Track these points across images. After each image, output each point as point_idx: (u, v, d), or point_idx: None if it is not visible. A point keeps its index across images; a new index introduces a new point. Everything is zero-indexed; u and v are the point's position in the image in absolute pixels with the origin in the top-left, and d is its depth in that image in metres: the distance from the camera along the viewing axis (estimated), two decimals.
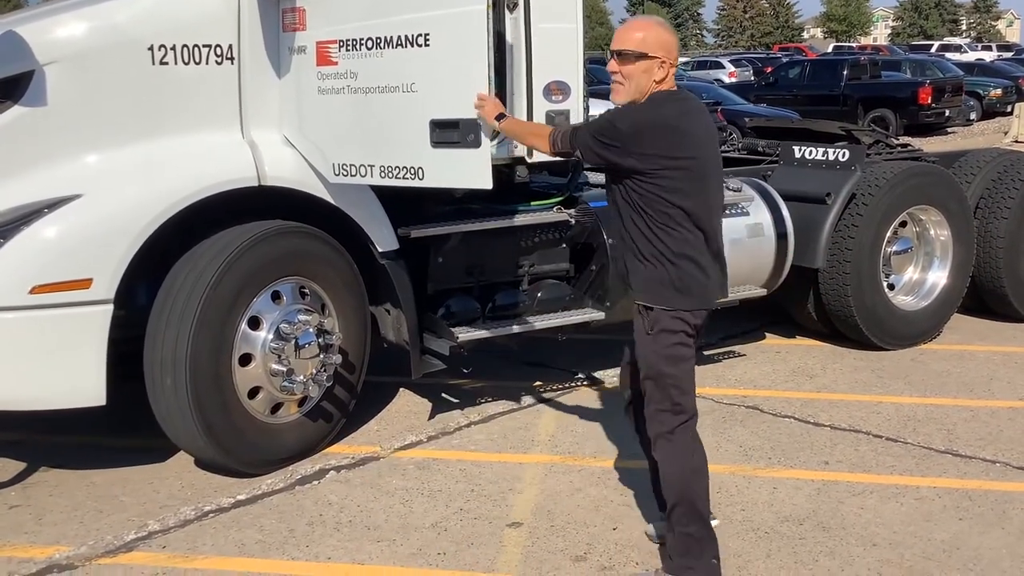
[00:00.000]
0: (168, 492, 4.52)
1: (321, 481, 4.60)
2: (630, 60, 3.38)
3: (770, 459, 4.76)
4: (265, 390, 4.59)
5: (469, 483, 4.55)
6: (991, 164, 7.15)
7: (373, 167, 4.46)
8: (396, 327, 5.12)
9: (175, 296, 4.37)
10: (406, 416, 5.45)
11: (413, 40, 4.16)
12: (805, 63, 27.34)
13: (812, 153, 6.61)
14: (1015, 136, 20.41)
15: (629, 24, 3.58)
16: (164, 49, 4.46)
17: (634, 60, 3.37)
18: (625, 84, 3.40)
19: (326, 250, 4.75)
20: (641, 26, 3.50)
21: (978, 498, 4.31)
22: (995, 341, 6.74)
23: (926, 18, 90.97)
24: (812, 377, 6.04)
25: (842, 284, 6.23)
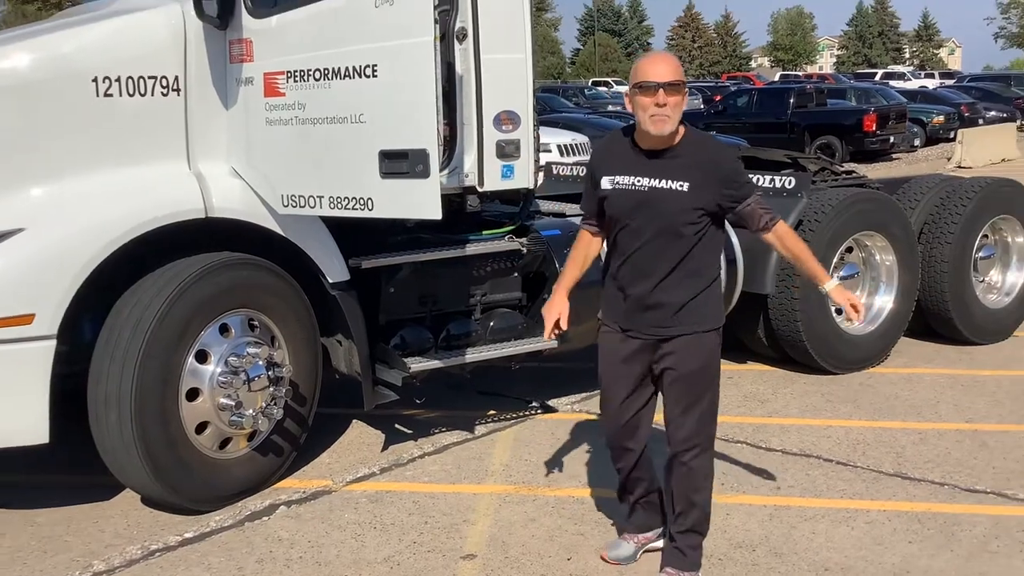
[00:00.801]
0: (114, 531, 4.42)
1: (271, 517, 4.53)
2: (678, 91, 3.43)
3: (723, 485, 4.77)
4: (213, 425, 4.52)
5: (422, 515, 4.51)
6: (934, 190, 7.29)
7: (322, 198, 4.44)
8: (348, 358, 5.08)
9: (120, 330, 4.30)
10: (358, 448, 5.39)
11: (361, 71, 4.17)
12: (753, 92, 27.76)
13: (759, 181, 6.69)
14: (958, 162, 20.90)
15: (657, 56, 3.60)
16: (109, 81, 4.41)
17: (681, 90, 3.44)
18: (672, 115, 3.42)
19: (276, 282, 4.71)
20: (670, 57, 3.60)
21: (927, 520, 4.36)
22: (941, 364, 6.85)
23: (870, 47, 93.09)
24: (763, 402, 6.09)
25: (791, 309, 6.30)
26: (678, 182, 3.46)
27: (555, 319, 3.77)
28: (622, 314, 3.65)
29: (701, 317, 3.59)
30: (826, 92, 26.77)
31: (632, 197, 3.53)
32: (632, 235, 3.55)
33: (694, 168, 3.48)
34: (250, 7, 4.56)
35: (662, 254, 3.52)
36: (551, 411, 5.95)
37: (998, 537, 4.18)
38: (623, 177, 3.56)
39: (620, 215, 3.58)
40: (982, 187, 7.24)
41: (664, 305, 3.55)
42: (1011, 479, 4.79)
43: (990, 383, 6.36)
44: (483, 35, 4.86)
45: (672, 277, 3.52)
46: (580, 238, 3.88)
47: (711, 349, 3.64)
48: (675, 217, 3.47)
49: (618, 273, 3.63)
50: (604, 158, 3.71)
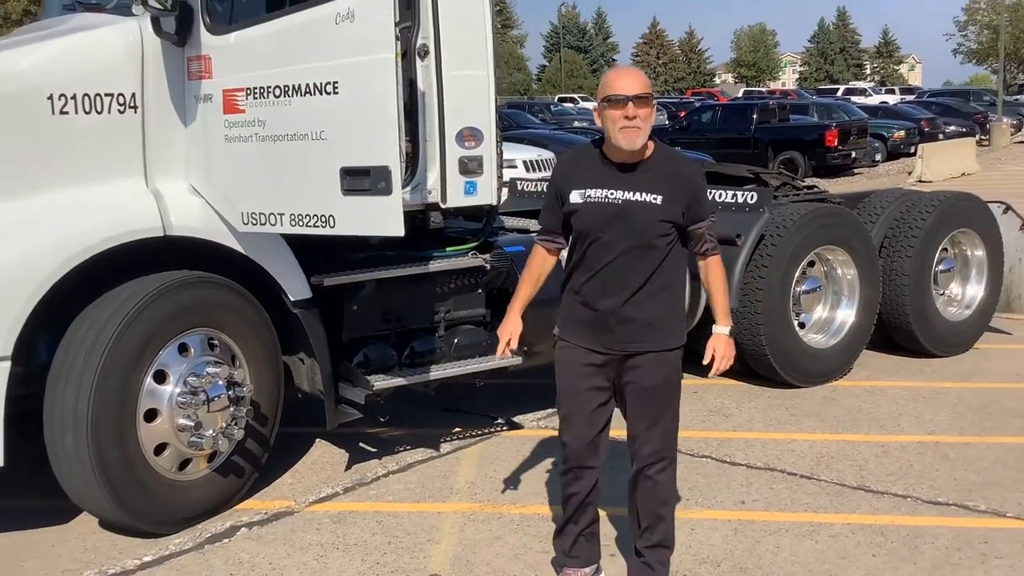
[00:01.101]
0: (71, 555, 4.33)
1: (232, 539, 4.46)
2: (647, 103, 3.46)
3: (688, 500, 4.77)
4: (172, 446, 4.45)
5: (386, 535, 4.46)
6: (894, 204, 7.37)
7: (283, 215, 4.40)
8: (310, 377, 5.03)
9: (76, 350, 4.23)
10: (321, 468, 5.34)
11: (322, 88, 4.14)
12: (717, 107, 28.02)
13: (722, 196, 6.73)
14: (919, 176, 21.21)
15: (624, 70, 3.62)
16: (65, 98, 4.35)
17: (650, 102, 3.47)
18: (643, 127, 3.44)
19: (236, 300, 4.66)
20: (638, 71, 3.66)
21: (890, 533, 4.38)
22: (903, 376, 6.91)
23: (832, 63, 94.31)
24: (728, 416, 6.10)
25: (754, 323, 6.33)
26: (652, 195, 3.47)
27: (507, 339, 3.74)
28: (587, 330, 3.61)
29: (668, 334, 3.59)
30: (789, 108, 27.12)
31: (605, 210, 3.50)
32: (603, 249, 3.52)
33: (666, 181, 3.49)
34: (209, 24, 4.53)
35: (634, 268, 3.50)
36: (516, 428, 5.93)
37: (960, 549, 4.21)
38: (595, 190, 3.52)
39: (592, 228, 3.54)
40: (941, 201, 7.33)
41: (634, 321, 3.53)
42: (972, 491, 4.83)
43: (951, 395, 6.42)
44: (445, 52, 4.87)
45: (643, 292, 3.52)
46: (535, 255, 3.80)
47: (675, 365, 3.65)
48: (648, 230, 3.47)
49: (583, 288, 3.59)
50: (571, 171, 3.66)
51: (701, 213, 3.58)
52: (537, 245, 3.80)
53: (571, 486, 3.80)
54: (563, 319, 3.72)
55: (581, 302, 3.61)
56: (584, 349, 3.63)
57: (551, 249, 3.77)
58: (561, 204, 3.62)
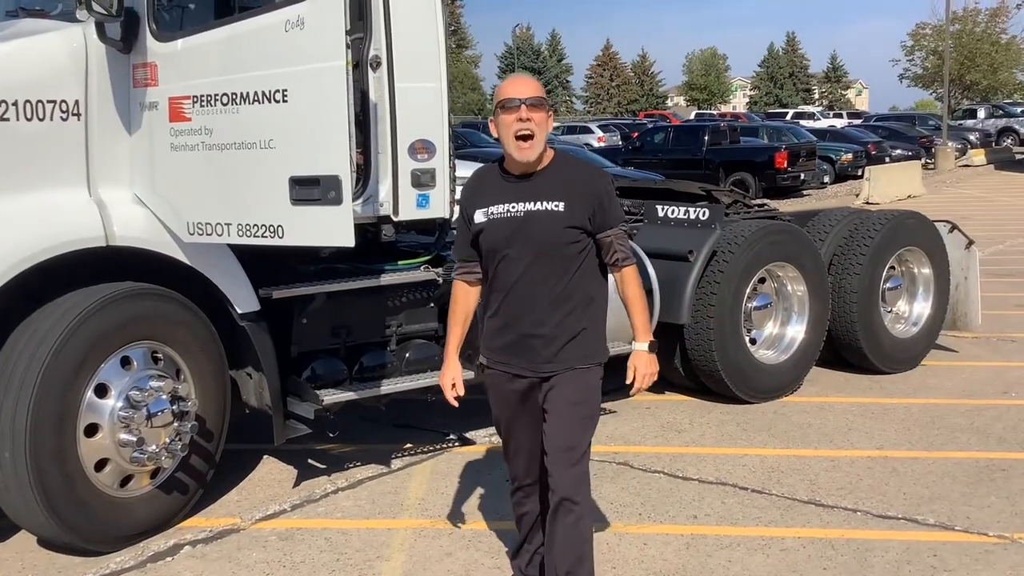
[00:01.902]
0: (6, 575, 4.19)
1: (175, 557, 4.35)
2: (541, 107, 3.34)
3: (640, 515, 4.75)
4: (113, 462, 4.34)
5: (334, 552, 4.38)
6: (843, 222, 7.45)
7: (230, 225, 4.32)
8: (258, 391, 4.93)
9: (14, 363, 4.11)
10: (269, 484, 5.23)
11: (271, 96, 4.08)
12: (669, 129, 28.28)
13: (674, 212, 6.76)
14: (866, 198, 21.55)
15: (518, 77, 3.49)
16: (5, 104, 4.25)
17: (544, 108, 3.35)
18: (538, 133, 3.32)
19: (181, 312, 4.56)
20: (531, 79, 3.52)
21: (841, 547, 4.38)
22: (852, 392, 6.96)
23: (781, 87, 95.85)
24: (680, 432, 6.10)
25: (706, 339, 6.35)
26: (553, 202, 3.34)
27: (451, 385, 3.58)
28: (510, 353, 3.46)
29: (586, 351, 3.44)
30: (739, 130, 27.45)
31: (508, 225, 3.37)
32: (511, 264, 3.38)
33: (567, 187, 3.37)
34: (155, 30, 4.45)
35: (544, 281, 3.37)
36: (468, 443, 5.87)
37: (910, 562, 4.22)
38: (496, 206, 3.39)
39: (497, 245, 3.40)
40: (888, 220, 7.43)
41: (549, 338, 3.39)
42: (921, 505, 4.86)
43: (900, 411, 6.48)
44: (397, 63, 4.82)
45: (559, 307, 3.38)
46: (456, 292, 3.61)
47: (594, 385, 3.49)
48: (554, 237, 3.34)
49: (500, 310, 3.45)
50: (475, 193, 3.52)
51: (608, 220, 3.42)
52: (456, 281, 3.61)
53: (522, 506, 3.71)
54: (486, 346, 3.56)
55: (500, 325, 3.47)
56: (509, 374, 3.50)
57: (471, 281, 3.58)
58: (469, 227, 3.49)
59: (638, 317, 3.49)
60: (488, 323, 3.53)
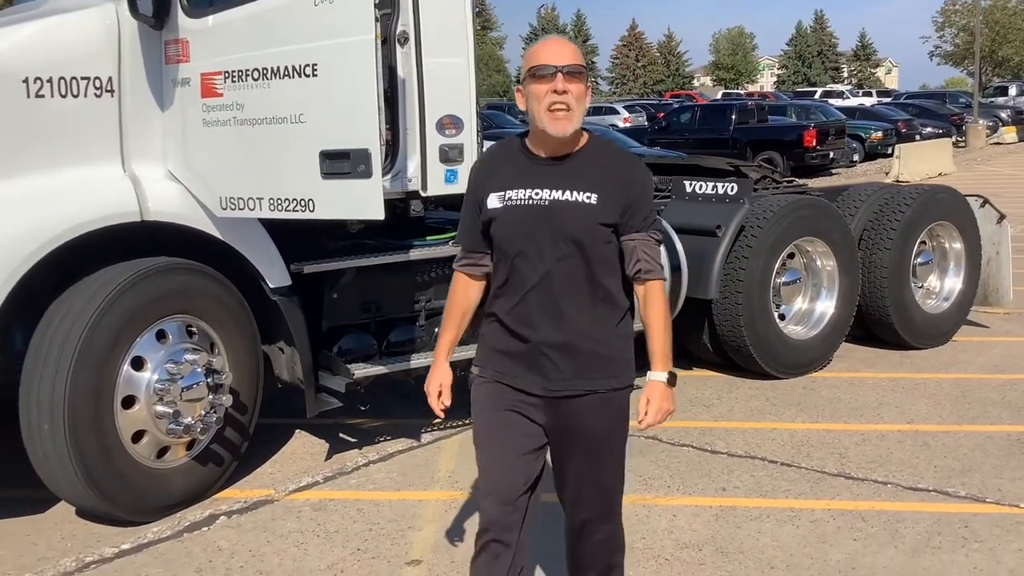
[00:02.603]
0: (47, 544, 4.28)
1: (211, 527, 4.42)
2: (580, 78, 2.80)
3: (669, 487, 4.77)
4: (150, 433, 4.41)
5: (367, 523, 4.43)
6: (873, 197, 7.40)
7: (262, 200, 4.36)
8: (290, 365, 4.99)
9: (52, 337, 4.18)
10: (301, 457, 5.30)
11: (301, 70, 4.11)
12: (696, 108, 28.08)
13: (702, 188, 6.74)
14: (896, 176, 21.33)
15: (553, 39, 2.89)
16: (40, 82, 4.30)
17: (583, 78, 2.81)
18: (575, 107, 2.78)
19: (214, 287, 4.62)
20: (568, 41, 2.92)
21: (871, 518, 4.39)
22: (882, 368, 6.94)
23: (809, 66, 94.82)
24: (708, 407, 6.11)
25: (735, 315, 6.34)
26: (585, 193, 2.79)
27: (436, 393, 3.01)
28: (517, 365, 2.87)
29: (618, 369, 2.90)
30: (767, 108, 27.21)
31: (529, 213, 2.80)
32: (530, 263, 2.81)
33: (603, 177, 2.83)
34: (186, 7, 4.49)
35: (569, 285, 2.81)
36: None
37: (940, 533, 4.22)
38: (516, 191, 2.83)
39: (515, 238, 2.83)
40: (920, 194, 7.37)
41: (577, 353, 2.83)
42: (952, 477, 4.85)
43: (930, 385, 6.45)
44: (425, 39, 4.83)
45: (587, 315, 2.83)
46: (456, 285, 3.04)
47: (624, 409, 2.95)
48: (585, 235, 2.79)
49: (511, 315, 2.86)
50: (490, 172, 2.94)
51: (637, 222, 2.84)
52: (457, 273, 3.04)
53: (487, 569, 2.93)
54: (485, 352, 2.97)
55: (509, 331, 2.88)
56: (511, 388, 2.89)
57: (475, 275, 3.00)
58: (479, 212, 2.92)
59: (658, 341, 2.89)
60: (490, 326, 2.95)
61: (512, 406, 2.89)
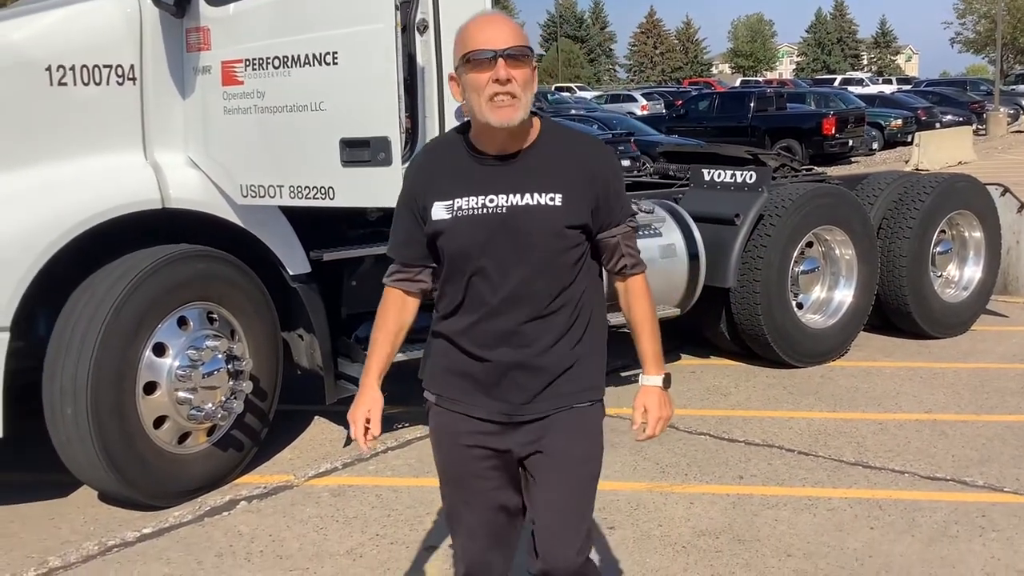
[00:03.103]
0: (70, 527, 4.33)
1: (231, 512, 4.46)
2: (525, 62, 2.35)
3: (686, 475, 4.79)
4: (172, 419, 4.45)
5: (385, 508, 4.47)
6: (892, 186, 7.37)
7: (282, 187, 4.39)
8: (309, 352, 5.03)
9: (75, 323, 4.22)
10: (320, 444, 5.34)
11: (321, 58, 4.13)
12: (714, 96, 27.99)
13: (721, 176, 6.73)
14: (916, 164, 21.20)
15: (488, 17, 2.41)
16: (63, 70, 4.34)
17: (529, 61, 2.37)
18: (521, 95, 2.33)
19: (235, 274, 4.65)
20: (505, 17, 2.46)
21: (888, 507, 4.39)
22: (900, 357, 6.92)
23: (829, 53, 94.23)
24: (726, 395, 6.11)
25: (753, 303, 6.33)
26: (547, 193, 2.39)
27: (363, 423, 2.60)
28: (475, 389, 2.51)
29: (584, 384, 2.53)
30: (786, 96, 27.08)
31: (484, 224, 2.39)
32: (490, 283, 2.42)
33: (565, 172, 2.42)
34: None
35: (534, 301, 2.43)
36: None
37: (958, 522, 4.22)
38: (466, 198, 2.40)
39: (470, 253, 2.41)
40: (939, 183, 7.33)
41: (543, 370, 2.48)
42: (970, 467, 4.84)
43: (949, 375, 6.43)
44: (444, 27, 4.83)
45: (548, 328, 2.46)
46: (388, 302, 2.62)
47: (598, 430, 2.58)
48: (551, 243, 2.41)
49: (466, 336, 2.49)
50: (430, 176, 2.49)
51: (615, 215, 2.50)
52: (390, 288, 2.61)
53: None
54: (436, 375, 2.61)
55: (464, 352, 2.51)
56: (471, 418, 2.53)
57: (411, 291, 2.60)
58: (420, 223, 2.49)
59: (648, 342, 2.58)
60: (440, 345, 2.57)
61: (473, 443, 2.52)
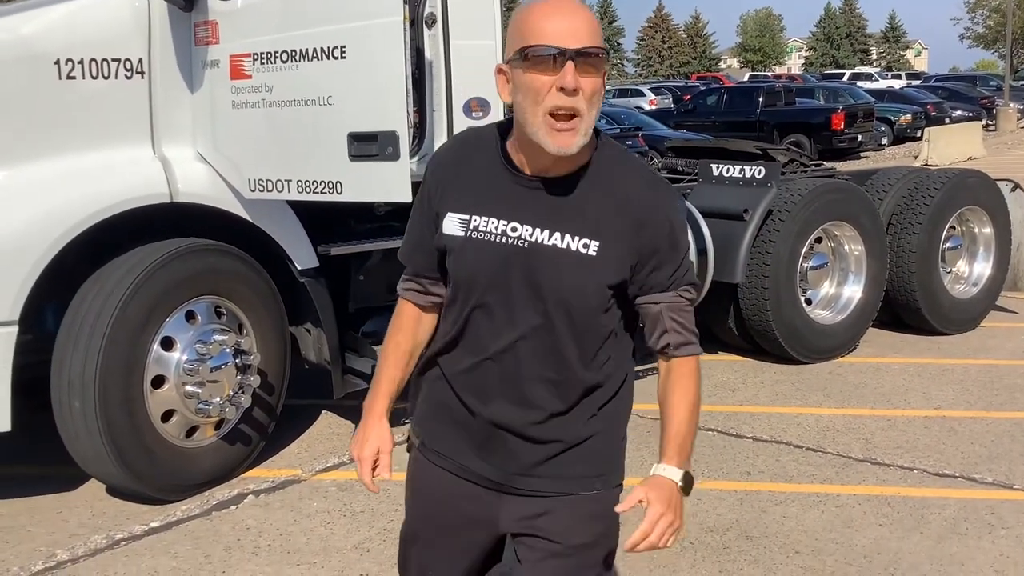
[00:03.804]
0: (78, 521, 4.34)
1: (239, 506, 4.46)
2: (598, 67, 1.88)
3: (694, 471, 4.76)
4: (179, 413, 4.45)
5: (392, 503, 4.46)
6: (902, 181, 7.34)
7: (290, 182, 4.39)
8: (317, 347, 5.03)
9: (83, 317, 4.22)
10: (328, 438, 5.34)
11: (329, 52, 4.12)
12: (722, 90, 27.91)
13: (729, 171, 6.71)
14: (925, 159, 21.11)
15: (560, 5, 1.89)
16: (71, 63, 4.33)
17: (603, 67, 1.89)
18: (586, 114, 1.87)
19: (242, 268, 4.65)
20: (583, 9, 1.91)
21: (896, 504, 4.37)
22: (909, 353, 6.89)
23: (838, 48, 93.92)
24: (734, 391, 6.10)
25: (761, 299, 6.32)
26: (582, 238, 1.93)
27: (372, 460, 2.20)
28: (463, 439, 2.10)
29: (597, 469, 2.08)
30: (795, 91, 27.00)
31: (498, 254, 1.96)
32: (493, 324, 2.01)
33: (610, 215, 1.94)
34: None
35: (544, 360, 2.00)
36: None
37: (967, 519, 4.20)
38: (485, 218, 1.98)
39: (476, 283, 2.00)
40: (949, 178, 7.30)
41: (544, 443, 2.05)
42: (979, 463, 4.82)
43: (958, 371, 6.40)
44: (452, 21, 4.81)
45: (560, 395, 2.03)
46: (400, 316, 2.20)
47: (611, 513, 2.05)
48: (574, 298, 1.96)
49: (459, 380, 2.08)
50: (452, 176, 2.05)
51: (660, 278, 1.99)
52: (403, 300, 2.19)
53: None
54: (426, 415, 2.20)
55: (456, 395, 2.10)
56: (453, 475, 2.12)
57: (426, 305, 2.17)
58: (432, 230, 2.07)
59: (676, 428, 2.02)
60: (433, 384, 2.16)
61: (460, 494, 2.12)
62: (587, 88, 1.86)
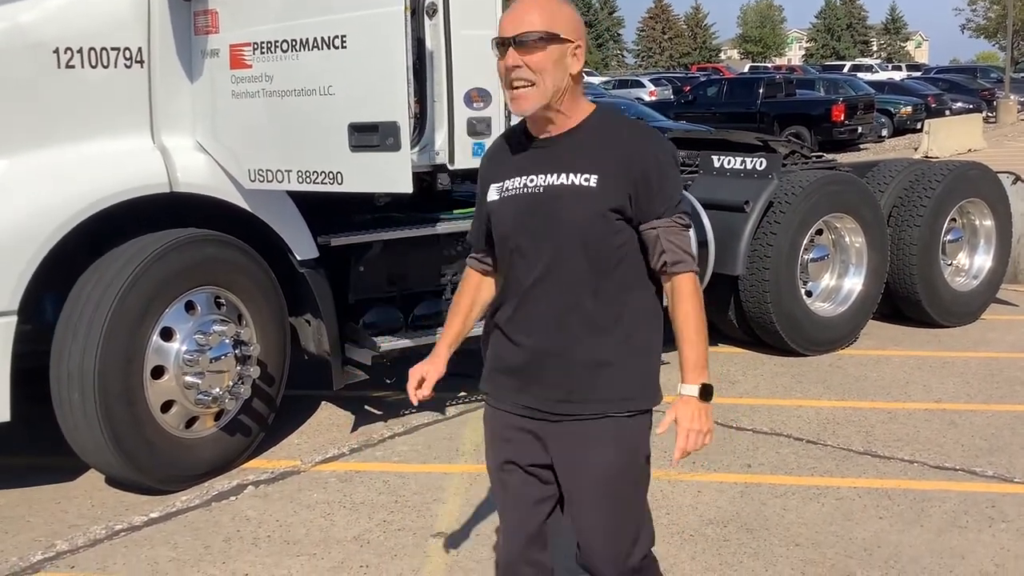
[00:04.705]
0: (77, 511, 4.34)
1: (239, 497, 4.46)
2: (537, 46, 2.32)
3: (693, 463, 4.76)
4: (179, 403, 4.45)
5: (392, 495, 4.46)
6: (903, 173, 7.32)
7: (290, 172, 4.37)
8: (317, 338, 5.02)
9: (82, 307, 4.21)
10: (328, 429, 5.34)
11: (330, 42, 4.10)
12: (723, 82, 27.85)
13: (730, 163, 6.69)
14: (925, 151, 21.07)
15: (521, 3, 2.40)
16: (71, 52, 4.31)
17: (543, 44, 2.33)
18: (540, 80, 2.33)
19: (242, 259, 4.64)
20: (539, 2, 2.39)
21: (897, 497, 4.37)
22: (909, 346, 6.89)
23: (838, 40, 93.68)
24: (734, 383, 6.09)
25: (761, 291, 6.30)
26: (582, 174, 2.37)
27: (417, 381, 2.65)
28: (514, 382, 2.51)
29: (624, 392, 2.45)
30: (795, 82, 26.95)
31: (523, 203, 2.42)
32: (523, 261, 2.43)
33: (605, 154, 2.39)
34: None
35: (571, 286, 2.39)
36: None
37: (967, 512, 4.20)
38: (512, 179, 2.46)
39: (507, 232, 2.46)
40: (950, 171, 7.28)
41: (572, 364, 2.42)
42: (979, 456, 4.82)
43: (958, 364, 6.40)
44: (453, 11, 4.82)
45: (587, 323, 2.41)
46: (467, 279, 2.71)
47: (642, 438, 2.49)
48: (583, 227, 2.36)
49: (509, 323, 2.49)
50: (494, 163, 2.58)
51: (654, 205, 2.38)
52: (468, 268, 2.73)
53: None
54: (487, 374, 2.62)
55: (508, 339, 2.50)
56: (510, 414, 2.53)
57: (484, 271, 2.67)
58: (484, 206, 2.59)
59: (691, 348, 2.45)
60: (492, 336, 2.59)
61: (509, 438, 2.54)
62: (532, 63, 2.34)
